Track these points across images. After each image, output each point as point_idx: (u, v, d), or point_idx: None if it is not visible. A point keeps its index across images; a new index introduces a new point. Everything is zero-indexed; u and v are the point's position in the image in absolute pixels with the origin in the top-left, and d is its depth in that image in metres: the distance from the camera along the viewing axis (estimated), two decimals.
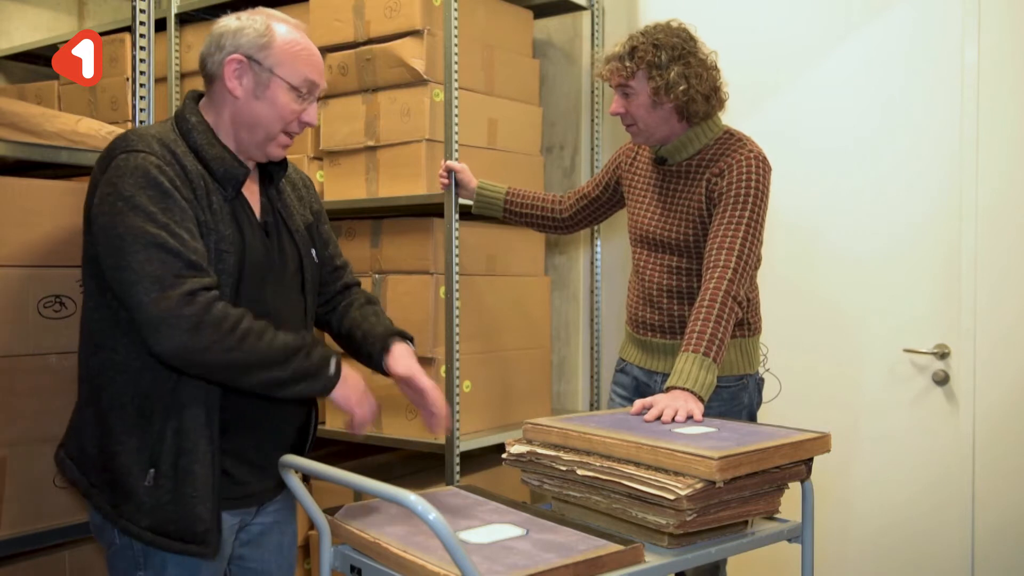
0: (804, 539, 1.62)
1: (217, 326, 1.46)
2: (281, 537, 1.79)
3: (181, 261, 1.46)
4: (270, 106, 1.63)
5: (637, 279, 2.26)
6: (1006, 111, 2.49)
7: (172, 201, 1.50)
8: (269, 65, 1.61)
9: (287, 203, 1.78)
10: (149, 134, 1.56)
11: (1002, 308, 2.49)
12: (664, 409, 1.73)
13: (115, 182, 1.49)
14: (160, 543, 1.53)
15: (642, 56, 2.08)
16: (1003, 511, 2.49)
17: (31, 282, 1.84)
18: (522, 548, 1.34)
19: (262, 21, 1.63)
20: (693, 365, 1.85)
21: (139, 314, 1.45)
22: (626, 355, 2.34)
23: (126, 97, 3.23)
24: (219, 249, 1.56)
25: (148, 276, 1.44)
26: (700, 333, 1.89)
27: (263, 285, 1.66)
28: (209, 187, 1.58)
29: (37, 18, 3.99)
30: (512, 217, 2.54)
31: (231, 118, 1.64)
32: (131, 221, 1.46)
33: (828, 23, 2.79)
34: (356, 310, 1.89)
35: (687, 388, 1.82)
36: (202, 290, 1.47)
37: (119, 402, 1.55)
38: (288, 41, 1.63)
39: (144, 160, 1.50)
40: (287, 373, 1.52)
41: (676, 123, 2.14)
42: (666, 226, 2.17)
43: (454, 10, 2.53)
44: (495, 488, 1.73)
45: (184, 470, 1.52)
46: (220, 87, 1.63)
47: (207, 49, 1.64)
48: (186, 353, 1.46)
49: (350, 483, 1.39)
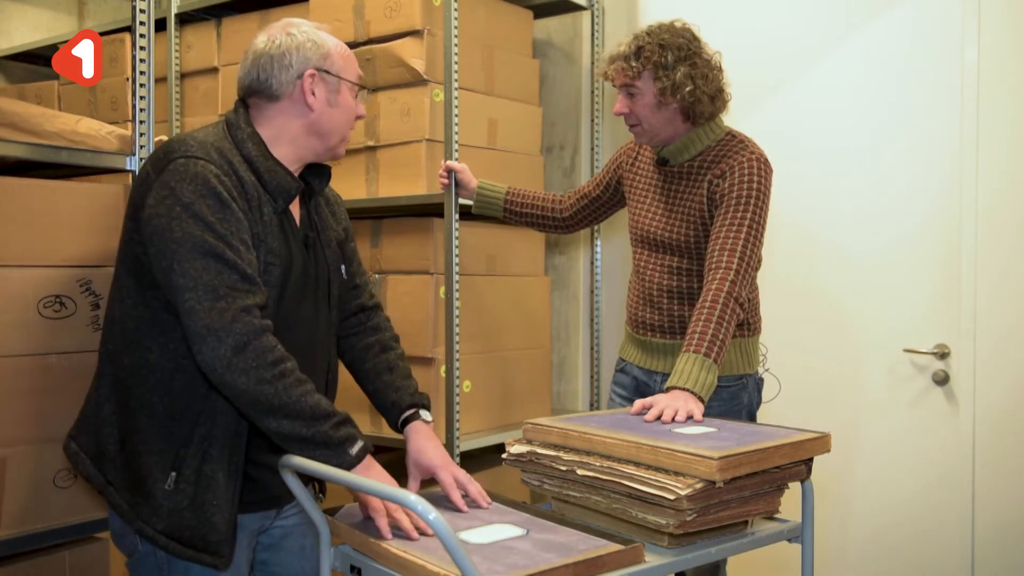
0: (804, 539, 1.62)
1: (261, 353, 1.46)
2: (303, 540, 1.77)
3: (237, 273, 1.47)
4: (344, 110, 1.68)
5: (638, 279, 2.26)
6: (1006, 111, 2.49)
7: (230, 212, 1.51)
8: (336, 72, 1.66)
9: (323, 217, 1.79)
10: (207, 142, 1.57)
11: (1002, 308, 2.49)
12: (664, 409, 1.73)
13: (173, 186, 1.49)
14: (173, 548, 1.51)
15: (648, 56, 2.07)
16: (1003, 511, 2.49)
17: (31, 282, 1.84)
18: (522, 548, 1.34)
19: (310, 30, 1.67)
20: (694, 366, 1.86)
21: (190, 320, 1.45)
22: (626, 355, 2.34)
23: (126, 97, 3.23)
24: (267, 262, 1.57)
25: (203, 285, 1.45)
26: (701, 334, 1.89)
27: (303, 298, 1.67)
28: (261, 199, 1.59)
29: (37, 18, 3.99)
30: (512, 217, 2.54)
31: (304, 131, 1.66)
32: (190, 228, 1.47)
33: (828, 23, 2.79)
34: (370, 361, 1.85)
35: (687, 388, 1.82)
36: (256, 308, 1.48)
37: (148, 401, 1.54)
38: (338, 45, 1.69)
39: (204, 168, 1.51)
40: (308, 431, 1.47)
41: (680, 124, 2.14)
42: (667, 227, 2.17)
43: (454, 10, 2.53)
44: (495, 488, 1.73)
45: (207, 477, 1.52)
46: (290, 103, 1.64)
47: (266, 71, 1.63)
48: (223, 368, 1.45)
49: (350, 483, 1.39)
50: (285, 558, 1.75)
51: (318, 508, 1.50)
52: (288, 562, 1.76)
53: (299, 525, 1.77)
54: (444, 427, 2.55)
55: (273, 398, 1.46)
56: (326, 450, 1.48)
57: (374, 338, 1.87)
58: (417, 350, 2.62)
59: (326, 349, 1.76)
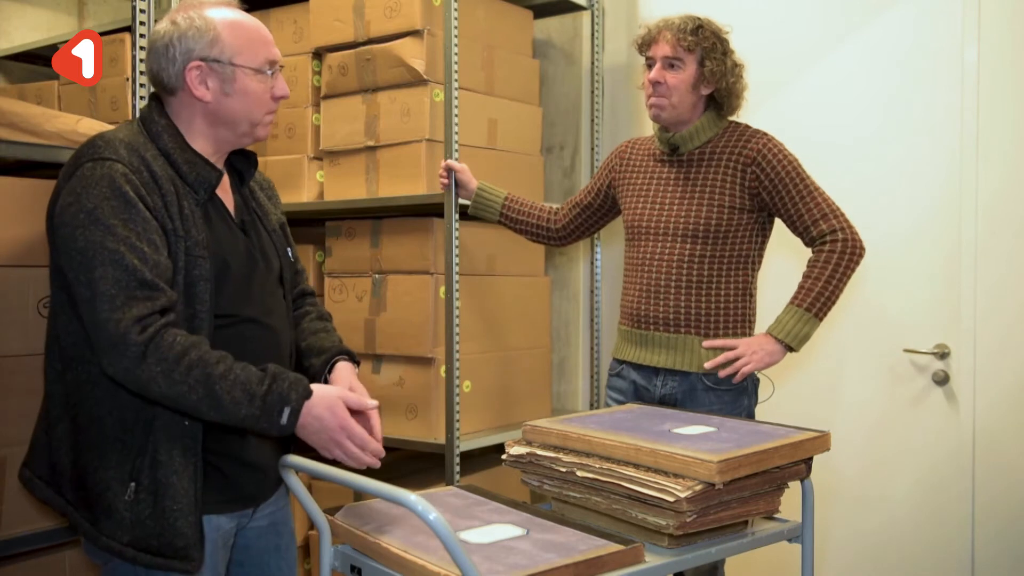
0: (804, 539, 1.62)
1: (163, 355, 1.41)
2: (279, 539, 1.75)
3: (135, 280, 1.42)
4: (243, 97, 1.59)
5: (640, 273, 2.25)
6: (1006, 111, 2.49)
7: (135, 212, 1.45)
8: (228, 58, 1.56)
9: (261, 203, 1.76)
10: (117, 139, 1.51)
11: (1002, 308, 2.49)
12: (741, 355, 2.08)
13: (79, 192, 1.45)
14: (142, 559, 1.47)
15: (705, 37, 2.16)
16: (1003, 511, 2.49)
17: (31, 282, 1.83)
18: (522, 548, 1.34)
19: (198, 15, 1.56)
20: (791, 317, 2.10)
21: (93, 333, 1.42)
22: (623, 354, 2.32)
23: (126, 97, 3.23)
24: (192, 255, 1.52)
25: (101, 295, 1.41)
26: (808, 290, 2.11)
27: (250, 285, 1.63)
28: (180, 191, 1.53)
29: (37, 18, 3.99)
30: (507, 223, 2.54)
31: (206, 122, 1.59)
32: (91, 235, 1.42)
33: (828, 23, 2.79)
34: (307, 323, 1.84)
35: (777, 337, 2.07)
36: (153, 315, 1.43)
37: (97, 415, 1.50)
38: (233, 26, 1.58)
39: (110, 169, 1.46)
40: (239, 417, 1.45)
41: (699, 111, 2.23)
42: (683, 214, 2.19)
43: (454, 10, 2.53)
44: (495, 488, 1.73)
45: (164, 483, 1.47)
46: (185, 97, 1.58)
47: (156, 64, 1.57)
48: (133, 381, 1.42)
49: (350, 483, 1.39)
50: (261, 558, 1.72)
51: (318, 508, 1.50)
52: (264, 562, 1.73)
53: (274, 524, 1.74)
54: (444, 427, 2.55)
55: (191, 394, 1.42)
56: (262, 425, 1.46)
57: (314, 311, 1.87)
58: (417, 350, 2.62)
59: (288, 332, 1.73)
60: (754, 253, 2.21)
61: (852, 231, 2.13)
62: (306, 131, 2.91)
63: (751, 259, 2.21)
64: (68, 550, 1.96)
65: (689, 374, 2.17)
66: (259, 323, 1.63)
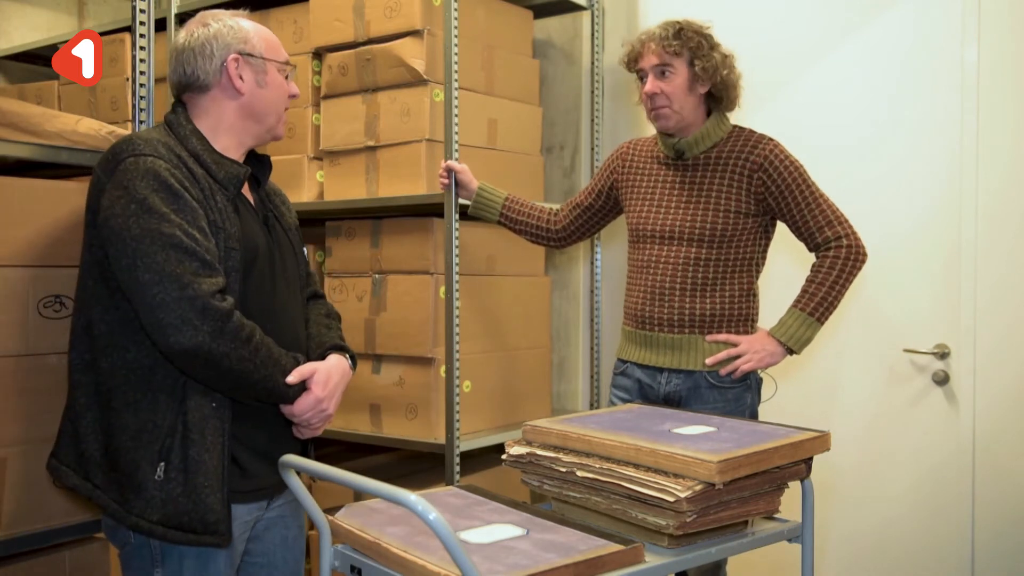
0: (804, 539, 1.62)
1: (236, 334, 1.53)
2: (286, 531, 1.80)
3: (197, 260, 1.51)
4: (274, 89, 1.73)
5: (644, 275, 2.25)
6: (1006, 111, 2.49)
7: (184, 202, 1.55)
8: (259, 53, 1.70)
9: (276, 205, 1.85)
10: (153, 138, 1.61)
11: (1002, 308, 2.49)
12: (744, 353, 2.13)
13: (126, 185, 1.53)
14: (173, 536, 1.54)
15: (689, 38, 2.16)
16: (1003, 511, 2.49)
17: (31, 282, 1.84)
18: (522, 548, 1.34)
19: (226, 18, 1.71)
20: (794, 320, 2.14)
21: (162, 313, 1.48)
22: (627, 355, 2.32)
23: (126, 97, 3.23)
24: (227, 247, 1.61)
25: (168, 276, 1.49)
26: (812, 294, 2.15)
27: (272, 279, 1.72)
28: (212, 187, 1.63)
29: (37, 18, 3.99)
30: (507, 223, 2.54)
31: (238, 115, 1.70)
32: (147, 223, 1.51)
33: (828, 23, 2.79)
34: (314, 317, 1.90)
35: (779, 339, 2.12)
36: (219, 293, 1.53)
37: (133, 399, 1.57)
38: (257, 28, 1.73)
39: (153, 163, 1.55)
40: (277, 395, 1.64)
41: (701, 112, 2.23)
42: (689, 218, 2.19)
43: (454, 10, 2.53)
44: (495, 488, 1.73)
45: (195, 460, 1.54)
46: (220, 91, 1.69)
47: (191, 64, 1.68)
48: (204, 354, 1.50)
49: (350, 483, 1.39)
50: (268, 548, 1.78)
51: (318, 508, 1.50)
52: (271, 551, 1.78)
53: (283, 517, 1.79)
54: (444, 427, 2.55)
55: (253, 373, 1.56)
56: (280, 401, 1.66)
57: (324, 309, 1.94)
58: (417, 350, 2.62)
59: (302, 327, 1.82)
60: (758, 255, 2.23)
61: (856, 238, 2.15)
62: (306, 131, 2.91)
63: (755, 261, 2.22)
64: (68, 550, 1.96)
65: (693, 372, 2.18)
66: (277, 316, 1.71)
